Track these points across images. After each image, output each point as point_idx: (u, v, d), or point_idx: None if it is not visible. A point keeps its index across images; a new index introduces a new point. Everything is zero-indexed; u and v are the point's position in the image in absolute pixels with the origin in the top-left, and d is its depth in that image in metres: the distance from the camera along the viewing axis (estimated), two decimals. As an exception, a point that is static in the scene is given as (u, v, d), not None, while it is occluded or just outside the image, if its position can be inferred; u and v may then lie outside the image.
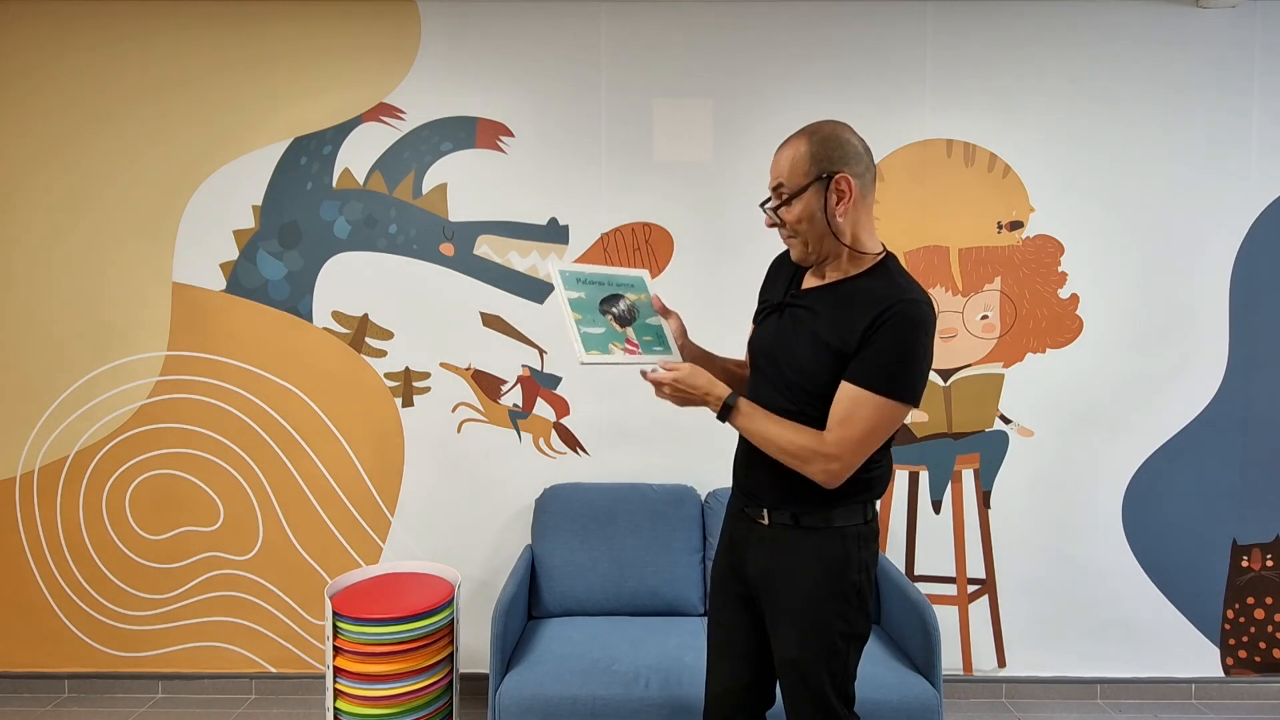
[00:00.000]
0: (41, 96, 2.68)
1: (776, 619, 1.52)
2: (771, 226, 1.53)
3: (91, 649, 2.76)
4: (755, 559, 1.55)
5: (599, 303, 1.60)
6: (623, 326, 1.60)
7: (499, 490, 2.74)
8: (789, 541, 1.50)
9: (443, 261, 2.70)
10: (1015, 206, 2.68)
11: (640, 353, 1.59)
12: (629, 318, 1.62)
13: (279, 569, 2.75)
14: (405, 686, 2.16)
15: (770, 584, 1.52)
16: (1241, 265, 2.67)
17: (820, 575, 1.48)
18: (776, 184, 1.48)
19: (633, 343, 1.59)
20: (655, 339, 1.62)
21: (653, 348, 1.61)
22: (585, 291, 1.61)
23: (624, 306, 1.63)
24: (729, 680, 1.63)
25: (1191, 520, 2.71)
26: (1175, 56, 2.64)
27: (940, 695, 2.06)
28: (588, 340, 1.55)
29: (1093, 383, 2.70)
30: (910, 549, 2.75)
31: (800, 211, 1.45)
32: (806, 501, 1.48)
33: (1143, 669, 2.74)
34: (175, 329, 2.71)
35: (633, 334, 1.60)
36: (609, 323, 1.59)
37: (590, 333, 1.56)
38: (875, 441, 1.41)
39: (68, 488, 2.74)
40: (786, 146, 1.47)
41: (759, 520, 1.54)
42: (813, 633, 1.48)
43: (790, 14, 2.66)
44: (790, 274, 1.60)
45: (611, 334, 1.58)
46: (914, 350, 1.38)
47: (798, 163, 1.44)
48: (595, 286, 1.63)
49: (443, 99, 2.68)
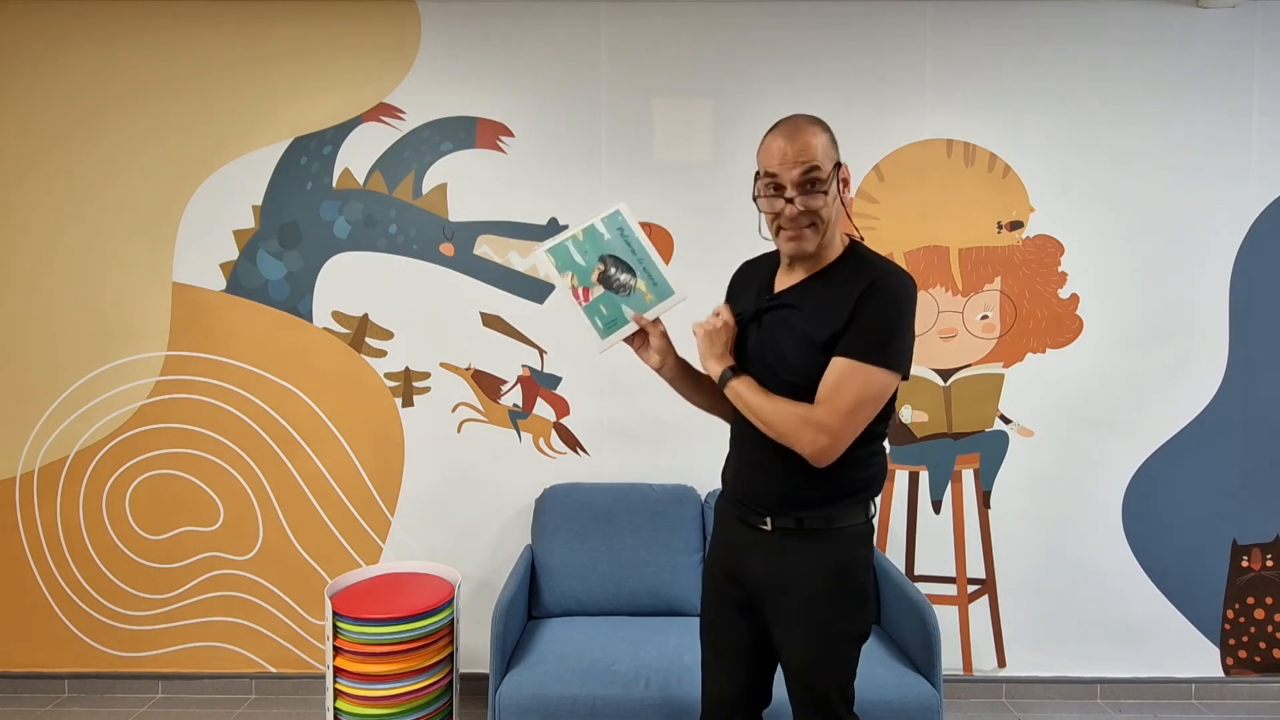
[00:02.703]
0: (41, 96, 2.68)
1: (784, 624, 1.50)
2: (790, 217, 1.42)
3: (91, 649, 2.76)
4: (759, 566, 1.53)
5: (611, 254, 1.59)
6: (600, 282, 1.58)
7: (499, 490, 2.74)
8: (794, 546, 1.49)
9: (443, 261, 2.70)
10: (1015, 206, 2.68)
11: (580, 304, 1.59)
12: (614, 287, 1.59)
13: (279, 569, 2.75)
14: (405, 686, 2.16)
15: (777, 590, 1.50)
16: (1241, 265, 2.67)
17: (828, 578, 1.47)
18: (810, 168, 1.39)
19: (585, 293, 1.58)
20: (608, 318, 1.59)
21: (595, 316, 1.59)
22: (615, 238, 1.59)
23: (623, 280, 1.59)
24: (727, 682, 1.62)
25: (1191, 520, 2.71)
26: (1175, 56, 2.64)
27: (940, 695, 2.06)
28: (558, 251, 1.59)
29: (1093, 383, 2.70)
30: (910, 549, 2.75)
31: (828, 198, 1.42)
32: (809, 505, 1.47)
33: (1143, 669, 2.74)
34: (175, 329, 2.71)
35: (598, 292, 1.58)
36: (595, 266, 1.58)
37: (567, 250, 1.58)
38: (866, 413, 1.40)
39: (68, 488, 2.74)
40: (804, 131, 1.41)
41: (760, 527, 1.52)
42: (822, 637, 1.48)
43: (790, 14, 2.66)
44: (760, 281, 1.59)
45: (581, 270, 1.58)
46: (900, 321, 1.40)
47: (826, 149, 1.42)
48: (627, 248, 1.59)
49: (443, 99, 2.68)
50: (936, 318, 2.70)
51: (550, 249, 1.60)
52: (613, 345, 1.61)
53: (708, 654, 1.66)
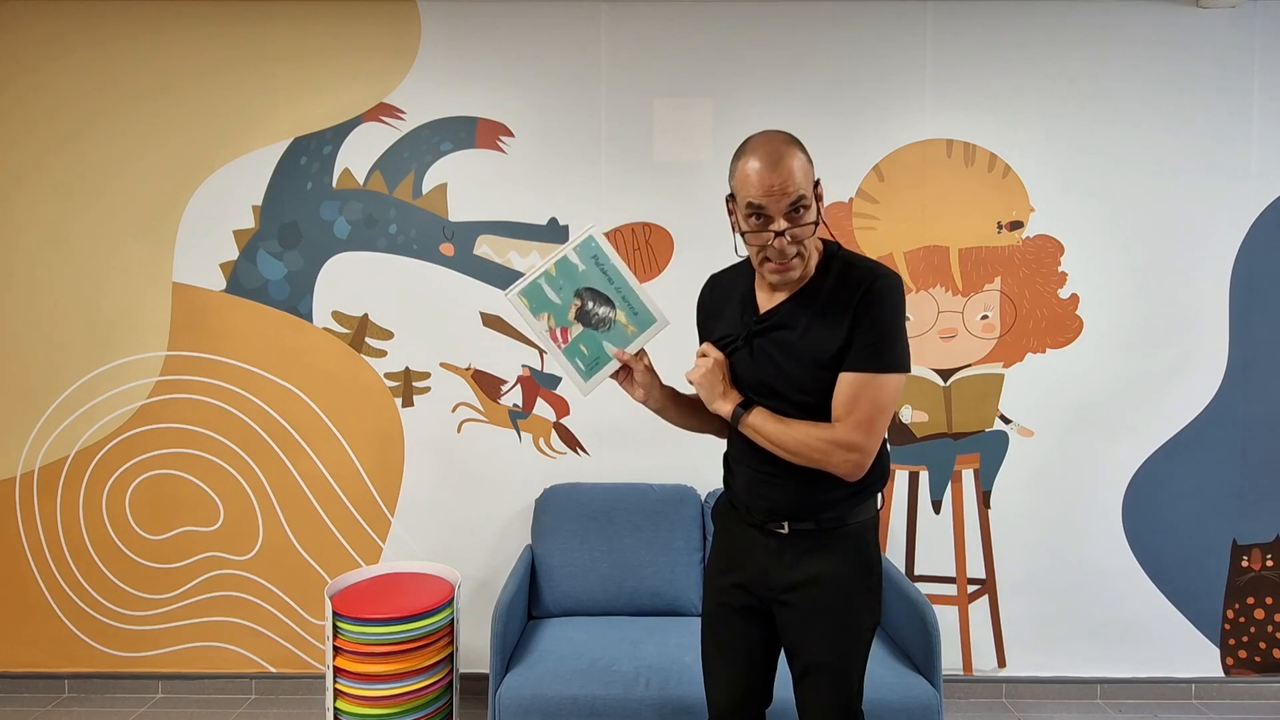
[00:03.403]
0: (42, 96, 2.68)
1: (805, 623, 1.50)
2: (780, 249, 1.38)
3: (91, 649, 2.76)
4: (775, 568, 1.51)
5: (587, 287, 1.50)
6: (578, 320, 1.50)
7: (499, 490, 2.74)
8: (813, 545, 1.49)
9: (443, 261, 2.70)
10: (1015, 206, 2.68)
11: (559, 347, 1.51)
12: (592, 323, 1.50)
13: (279, 569, 2.75)
14: (405, 686, 2.16)
15: (800, 591, 1.49)
16: (1241, 265, 2.67)
17: (850, 574, 1.49)
18: (798, 199, 1.35)
19: (564, 334, 1.50)
20: (589, 358, 1.51)
21: (575, 359, 1.51)
22: (589, 269, 1.49)
23: (601, 314, 1.50)
24: (737, 690, 1.61)
25: (1191, 520, 2.71)
26: (1175, 56, 2.64)
27: (940, 695, 2.06)
28: (531, 291, 1.49)
29: (1093, 383, 2.70)
30: (910, 549, 2.75)
31: (811, 221, 1.40)
32: (826, 507, 1.48)
33: (1143, 669, 2.74)
34: (175, 329, 2.71)
35: (576, 331, 1.50)
36: (571, 303, 1.50)
37: (540, 289, 1.49)
38: (885, 420, 1.41)
39: (68, 488, 2.74)
40: (784, 157, 1.35)
41: (777, 531, 1.51)
42: (848, 633, 1.50)
43: (790, 14, 2.66)
44: (739, 299, 1.54)
45: (557, 310, 1.50)
46: (896, 321, 1.41)
47: (806, 172, 1.38)
48: (603, 277, 1.50)
49: (443, 99, 2.68)
50: (936, 318, 2.70)
51: (522, 290, 1.50)
52: (597, 386, 1.54)
53: (715, 664, 1.64)
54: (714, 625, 1.64)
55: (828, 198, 2.67)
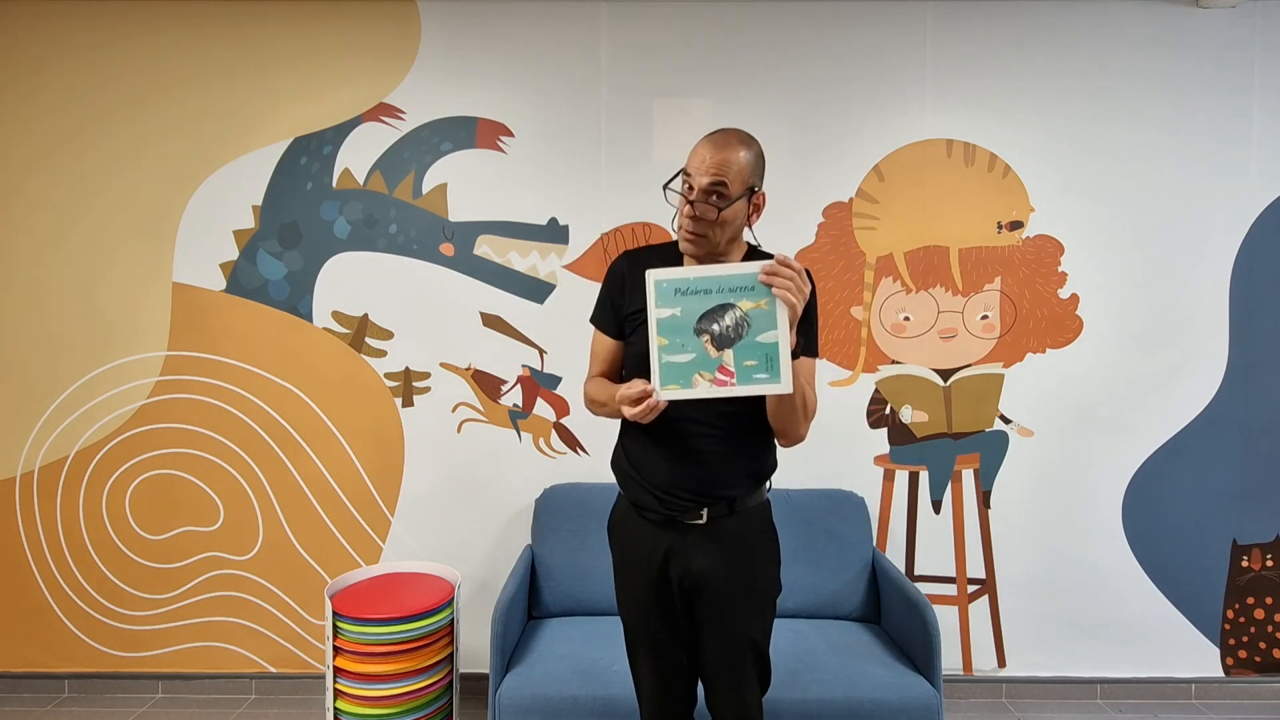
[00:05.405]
0: (42, 96, 2.68)
1: (731, 607, 1.55)
2: (687, 216, 1.45)
3: (91, 649, 2.76)
4: (697, 560, 1.54)
5: (699, 318, 1.38)
6: (720, 349, 1.38)
7: (499, 490, 2.74)
8: (730, 530, 1.55)
9: (443, 261, 2.70)
10: (1015, 206, 2.68)
11: (733, 383, 1.37)
12: (732, 337, 1.37)
13: (279, 569, 2.75)
14: (405, 686, 2.16)
15: (722, 577, 1.54)
16: (1241, 265, 2.67)
17: (763, 550, 1.60)
18: (717, 182, 1.42)
19: (727, 371, 1.37)
20: (761, 364, 1.36)
21: (753, 375, 1.36)
22: (683, 306, 1.39)
23: (730, 322, 1.37)
24: (671, 691, 1.66)
25: (1191, 520, 2.71)
26: (1175, 56, 2.64)
27: (940, 695, 2.06)
28: (668, 371, 1.38)
29: (1093, 383, 2.70)
30: (910, 549, 2.75)
31: (727, 215, 1.46)
32: (739, 487, 1.55)
33: (1143, 669, 2.74)
34: (175, 329, 2.71)
35: (730, 359, 1.37)
36: (703, 345, 1.38)
37: (673, 361, 1.38)
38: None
39: (68, 488, 2.74)
40: (730, 148, 1.43)
41: (694, 522, 1.54)
42: (767, 606, 1.61)
43: (790, 14, 2.66)
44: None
45: (702, 360, 1.38)
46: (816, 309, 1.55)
47: (742, 169, 1.45)
48: (699, 296, 1.38)
49: (443, 99, 2.68)
50: (936, 318, 2.70)
51: (663, 382, 1.38)
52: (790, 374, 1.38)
53: (644, 669, 1.66)
54: (646, 632, 1.63)
55: (827, 198, 2.68)
